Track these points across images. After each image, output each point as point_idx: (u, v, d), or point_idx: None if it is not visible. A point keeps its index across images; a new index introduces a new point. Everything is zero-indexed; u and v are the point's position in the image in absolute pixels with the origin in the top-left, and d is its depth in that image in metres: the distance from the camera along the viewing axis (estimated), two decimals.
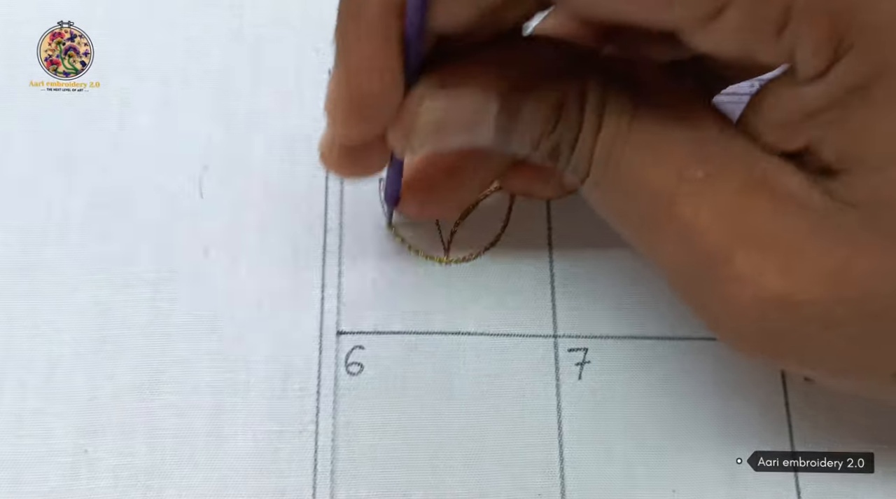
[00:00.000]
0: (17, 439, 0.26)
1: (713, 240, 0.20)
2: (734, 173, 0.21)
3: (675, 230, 0.21)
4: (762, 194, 0.20)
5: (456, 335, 0.29)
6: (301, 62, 0.32)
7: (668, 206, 0.21)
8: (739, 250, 0.20)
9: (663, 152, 0.21)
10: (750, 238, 0.20)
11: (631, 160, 0.21)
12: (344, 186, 0.30)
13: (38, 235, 0.29)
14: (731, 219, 0.20)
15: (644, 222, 0.22)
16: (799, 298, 0.20)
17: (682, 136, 0.21)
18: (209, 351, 0.28)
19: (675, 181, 0.21)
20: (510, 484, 0.27)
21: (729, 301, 0.21)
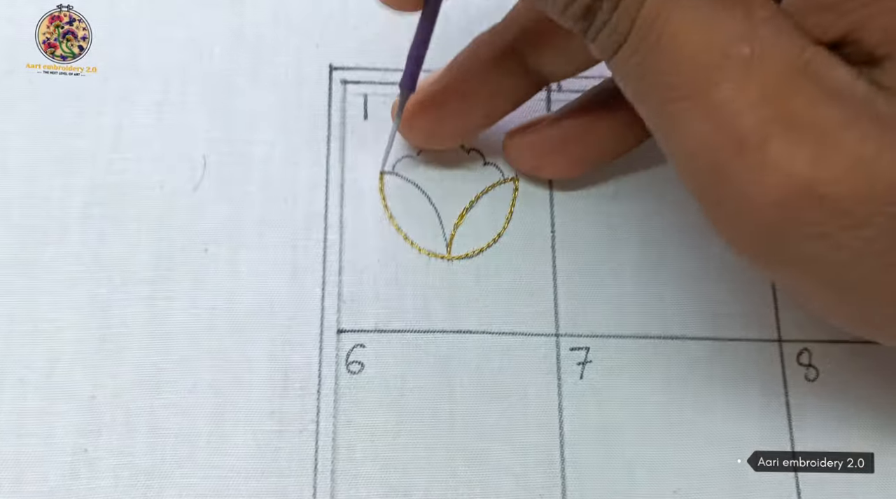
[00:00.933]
0: (18, 439, 0.26)
1: (748, 122, 0.20)
2: (780, 55, 0.20)
3: (709, 108, 0.20)
4: (806, 81, 0.20)
5: (457, 334, 0.29)
6: (301, 59, 0.31)
7: (707, 81, 0.20)
8: (774, 135, 0.19)
9: (712, 22, 0.20)
10: (786, 124, 0.19)
11: (678, 26, 0.20)
12: (345, 184, 0.30)
13: (38, 234, 0.28)
14: (770, 102, 0.20)
15: (678, 97, 0.21)
16: (826, 191, 0.19)
17: (735, 10, 0.20)
18: (209, 350, 0.28)
19: (719, 55, 0.20)
20: (511, 484, 0.27)
21: (751, 190, 0.20)
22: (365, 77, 0.31)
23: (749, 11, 0.20)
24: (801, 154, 0.19)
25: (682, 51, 0.20)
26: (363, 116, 0.31)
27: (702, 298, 0.30)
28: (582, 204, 0.30)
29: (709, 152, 0.21)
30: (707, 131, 0.20)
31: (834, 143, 0.19)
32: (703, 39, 0.20)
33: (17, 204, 0.29)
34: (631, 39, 0.21)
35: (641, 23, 0.20)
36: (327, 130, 0.31)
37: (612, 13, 0.21)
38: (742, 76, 0.20)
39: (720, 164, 0.20)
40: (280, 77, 0.31)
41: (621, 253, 0.30)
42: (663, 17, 0.20)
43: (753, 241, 0.21)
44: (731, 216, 0.21)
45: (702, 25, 0.20)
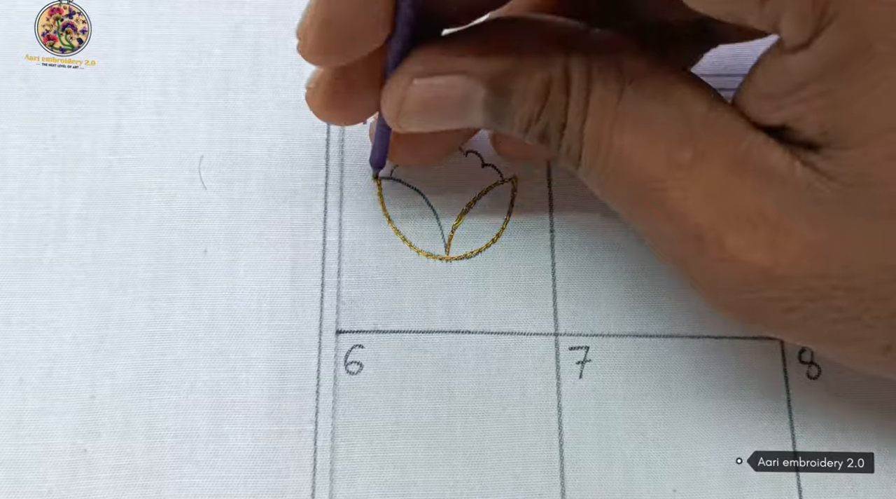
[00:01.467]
0: (17, 439, 0.26)
1: (701, 221, 0.21)
2: (720, 152, 0.21)
3: (665, 212, 0.22)
4: (747, 171, 0.21)
5: (456, 334, 0.29)
6: (301, 59, 0.31)
7: (658, 190, 0.21)
8: (726, 230, 0.21)
9: (652, 134, 0.21)
10: (736, 217, 0.21)
11: (621, 144, 0.22)
12: (344, 186, 0.30)
13: (37, 234, 0.29)
14: (717, 199, 0.21)
15: (637, 204, 0.22)
16: (784, 273, 0.20)
17: (670, 114, 0.21)
18: (208, 350, 0.28)
19: (664, 165, 0.21)
20: (510, 483, 0.27)
21: (719, 277, 0.22)
22: None
23: (685, 115, 0.21)
24: (755, 244, 0.21)
25: (630, 167, 0.22)
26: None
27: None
28: (581, 204, 0.30)
29: (676, 249, 0.23)
30: (668, 231, 0.22)
31: (784, 229, 0.20)
32: (647, 154, 0.21)
33: (16, 205, 0.29)
34: (583, 159, 0.23)
35: (587, 148, 0.22)
36: (326, 132, 0.31)
37: (560, 139, 0.23)
38: (687, 179, 0.21)
39: (688, 257, 0.22)
40: (279, 77, 0.31)
41: (620, 252, 0.30)
42: (605, 140, 0.22)
43: (732, 314, 0.23)
44: (709, 293, 0.23)
45: (642, 141, 0.21)
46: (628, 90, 0.22)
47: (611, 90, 0.22)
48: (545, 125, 0.23)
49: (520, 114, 0.23)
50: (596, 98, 0.22)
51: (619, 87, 0.22)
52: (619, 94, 0.22)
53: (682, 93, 0.22)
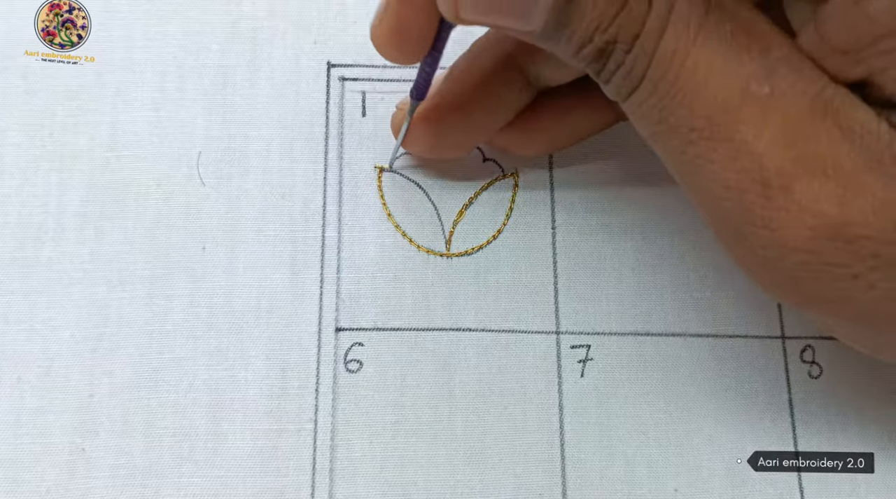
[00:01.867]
0: (15, 438, 0.26)
1: (772, 163, 0.19)
2: (801, 94, 0.19)
3: (731, 149, 0.20)
4: (827, 120, 0.19)
5: (456, 332, 0.28)
6: (299, 56, 0.31)
7: (728, 121, 0.20)
8: (799, 176, 0.19)
9: (731, 61, 0.20)
10: (810, 165, 0.19)
11: (696, 65, 0.20)
12: (343, 181, 0.30)
13: (34, 232, 0.28)
14: (792, 143, 0.19)
15: (698, 139, 0.20)
16: (854, 232, 0.19)
17: (752, 47, 0.20)
18: (207, 348, 0.28)
19: (739, 94, 0.19)
20: (511, 482, 0.27)
21: (779, 232, 0.20)
22: (363, 74, 0.31)
23: (766, 50, 0.20)
24: (827, 196, 0.19)
25: (701, 92, 0.20)
26: (361, 113, 0.31)
27: (703, 295, 0.29)
28: (583, 200, 0.30)
29: (733, 194, 0.20)
30: (730, 173, 0.20)
31: (858, 185, 0.19)
32: (722, 80, 0.20)
33: (14, 203, 0.29)
34: (647, 81, 0.20)
35: (657, 64, 0.20)
36: (325, 128, 0.30)
37: (626, 55, 0.20)
38: (763, 116, 0.19)
39: (745, 206, 0.20)
40: (277, 74, 0.31)
41: (622, 250, 0.30)
42: (680, 57, 0.20)
43: (782, 282, 0.21)
44: (757, 257, 0.21)
45: (720, 66, 0.20)
46: (712, 13, 0.20)
47: (696, 7, 0.20)
48: (613, 35, 0.20)
49: (589, 18, 0.20)
50: (679, 13, 0.20)
51: (704, 7, 0.20)
52: (704, 15, 0.20)
53: (766, 26, 0.20)
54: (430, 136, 0.28)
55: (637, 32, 0.20)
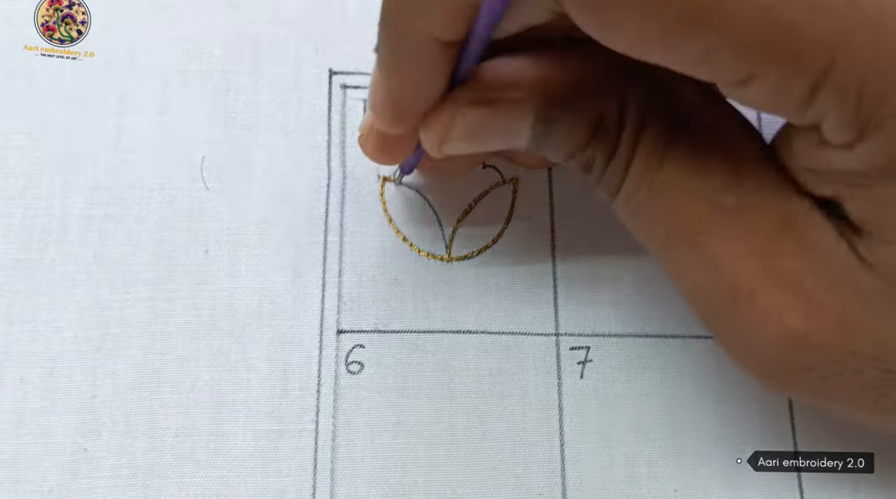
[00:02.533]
0: (18, 438, 0.26)
1: (739, 275, 0.20)
2: (767, 206, 0.20)
3: (702, 258, 0.21)
4: (790, 234, 0.20)
5: (457, 334, 0.29)
6: (301, 63, 0.31)
7: (697, 233, 0.21)
8: (763, 289, 0.20)
9: (699, 176, 0.21)
10: (774, 277, 0.20)
11: (665, 182, 0.21)
12: (346, 188, 0.30)
13: (38, 234, 0.29)
14: (758, 255, 0.20)
15: (672, 245, 0.22)
16: (816, 342, 0.20)
17: (719, 160, 0.21)
18: (209, 350, 0.28)
19: (707, 208, 0.20)
20: (511, 483, 0.27)
21: (749, 335, 0.21)
22: (365, 82, 0.32)
23: (734, 158, 0.21)
24: (790, 309, 0.20)
25: (671, 206, 0.21)
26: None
27: None
28: (581, 204, 0.30)
29: (706, 298, 0.22)
30: (702, 279, 0.21)
31: (818, 301, 0.20)
32: (691, 195, 0.21)
33: (18, 205, 0.29)
34: (622, 192, 0.22)
35: (630, 182, 0.21)
36: (327, 135, 0.31)
37: (604, 170, 0.22)
38: (730, 230, 0.20)
39: (717, 309, 0.21)
40: (280, 80, 0.31)
41: (621, 252, 0.30)
42: (649, 176, 0.21)
43: (760, 373, 0.22)
44: (736, 349, 0.22)
45: (688, 180, 0.21)
46: (680, 131, 0.21)
47: (663, 131, 0.21)
48: (591, 156, 0.22)
49: (566, 143, 0.22)
50: (648, 136, 0.21)
51: (670, 128, 0.21)
52: (671, 135, 0.21)
53: (734, 135, 0.21)
54: (436, 165, 0.29)
55: (611, 154, 0.21)
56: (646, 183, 0.21)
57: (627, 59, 0.19)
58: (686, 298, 0.23)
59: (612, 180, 0.22)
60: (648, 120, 0.21)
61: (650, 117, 0.21)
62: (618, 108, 0.21)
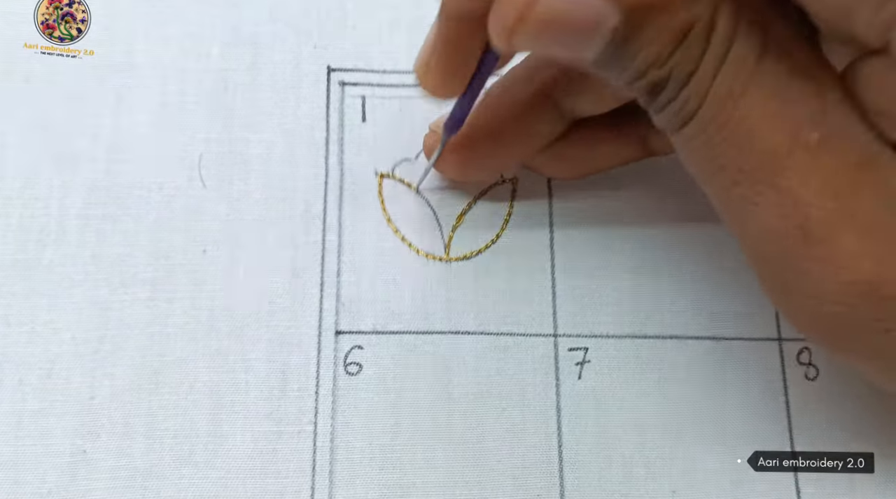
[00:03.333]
0: (16, 440, 0.26)
1: (815, 214, 0.19)
2: (850, 144, 0.19)
3: (776, 195, 0.20)
4: (871, 177, 0.19)
5: (455, 335, 0.29)
6: (299, 60, 0.31)
7: (776, 167, 0.19)
8: (841, 231, 0.19)
9: (784, 104, 0.19)
10: (851, 220, 0.19)
11: (749, 108, 0.19)
12: (343, 185, 0.30)
13: (36, 235, 0.29)
14: (835, 195, 0.19)
15: (744, 180, 0.20)
16: (889, 291, 0.19)
17: (806, 90, 0.19)
18: (207, 351, 0.28)
19: (789, 140, 0.19)
20: (510, 484, 0.27)
21: (818, 282, 0.20)
22: (363, 79, 0.31)
23: (820, 94, 0.19)
24: (866, 253, 0.19)
25: (752, 135, 0.20)
26: (361, 118, 0.31)
27: (700, 298, 0.29)
28: (580, 204, 0.30)
29: (775, 239, 0.20)
30: (773, 218, 0.20)
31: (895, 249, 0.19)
32: (773, 124, 0.19)
33: (15, 205, 0.29)
34: (698, 118, 0.20)
35: (710, 104, 0.20)
36: (325, 132, 0.31)
37: (679, 90, 0.20)
38: (810, 165, 0.19)
39: (786, 252, 0.20)
40: (278, 77, 0.31)
41: (619, 253, 0.30)
42: (733, 99, 0.19)
43: (817, 328, 0.21)
44: (794, 302, 0.21)
45: (772, 109, 0.19)
46: (769, 54, 0.19)
47: (753, 48, 0.19)
48: (668, 71, 0.20)
49: (646, 52, 0.19)
50: (736, 53, 0.19)
51: (761, 48, 0.19)
52: (761, 55, 0.19)
53: (820, 71, 0.20)
54: (461, 162, 0.28)
55: (692, 70, 0.20)
56: (727, 108, 0.19)
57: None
58: (747, 244, 0.21)
59: (687, 105, 0.20)
60: (739, 35, 0.19)
61: (741, 32, 0.19)
62: (709, 17, 0.19)
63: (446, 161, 0.28)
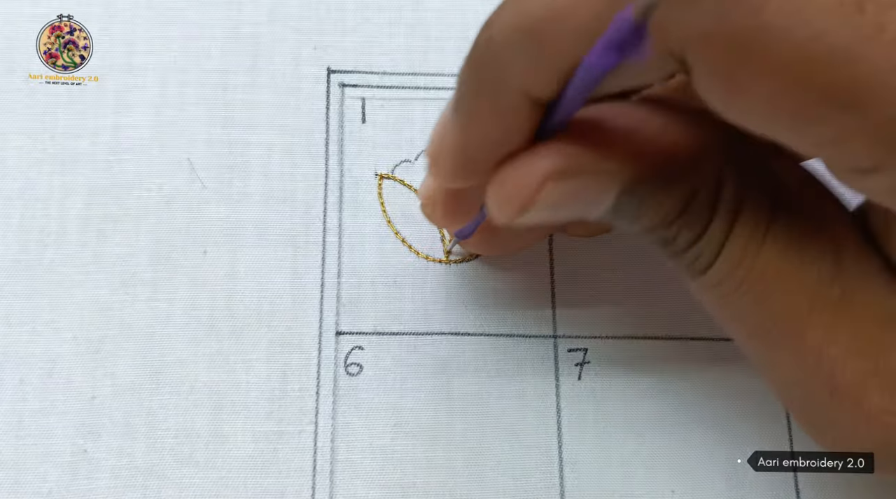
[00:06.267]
0: (17, 440, 0.26)
1: (842, 373, 0.19)
2: (871, 301, 0.19)
3: (799, 352, 0.19)
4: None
5: (455, 336, 0.29)
6: (299, 62, 0.31)
7: (797, 327, 0.19)
8: (868, 388, 0.18)
9: (801, 264, 0.19)
10: (882, 378, 0.18)
11: (764, 269, 0.19)
12: (343, 187, 0.30)
13: (37, 235, 0.29)
14: (863, 353, 0.18)
15: (765, 335, 0.20)
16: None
17: (821, 246, 0.19)
18: (208, 351, 0.28)
19: (809, 299, 0.19)
20: (510, 485, 0.27)
21: (851, 433, 0.19)
22: (363, 80, 0.32)
23: (836, 250, 0.19)
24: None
25: (769, 296, 0.19)
26: (361, 120, 0.31)
27: None
28: None
29: (802, 394, 0.20)
30: (798, 374, 0.20)
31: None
32: (791, 284, 0.19)
33: (16, 206, 0.29)
34: (711, 273, 0.20)
35: (722, 264, 0.19)
36: (325, 133, 0.31)
37: (689, 247, 0.20)
38: (832, 323, 0.19)
39: (814, 402, 0.20)
40: (278, 79, 0.31)
41: (619, 254, 0.30)
42: (748, 262, 0.19)
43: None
44: (824, 442, 0.21)
45: (788, 270, 0.19)
46: (780, 214, 0.19)
47: (763, 212, 0.19)
48: (674, 232, 0.19)
49: (650, 218, 0.19)
50: (745, 219, 0.19)
51: (770, 210, 0.19)
52: (771, 217, 0.19)
53: (834, 219, 0.19)
54: (483, 242, 0.28)
55: (699, 233, 0.19)
56: (742, 269, 0.19)
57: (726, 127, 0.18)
58: (775, 390, 0.21)
59: (700, 260, 0.20)
60: (747, 201, 0.19)
61: (749, 198, 0.19)
62: (714, 185, 0.19)
63: (468, 242, 0.28)
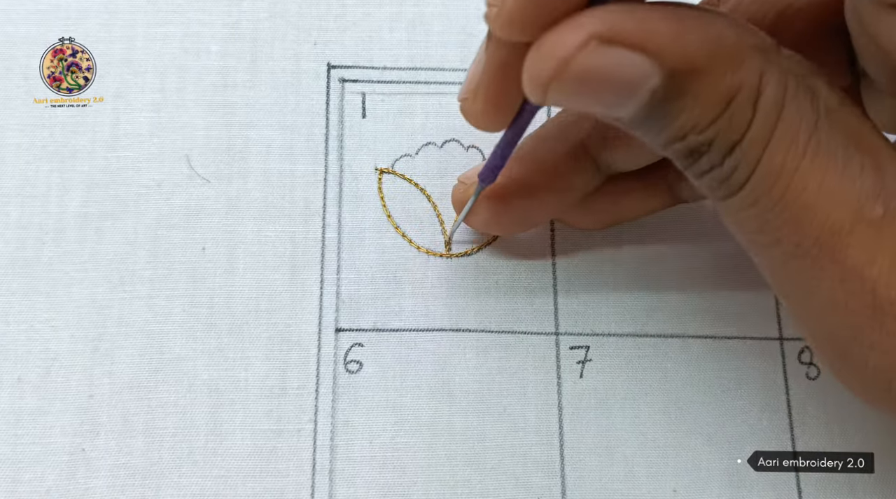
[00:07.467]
0: (15, 438, 0.26)
1: (885, 291, 0.18)
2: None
3: (840, 271, 0.18)
4: None
5: (456, 332, 0.28)
6: (299, 57, 0.31)
7: (838, 245, 0.18)
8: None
9: (843, 178, 0.18)
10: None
11: (805, 182, 0.18)
12: (343, 182, 0.30)
13: (35, 232, 0.28)
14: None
15: (803, 255, 0.19)
16: None
17: (864, 163, 0.18)
18: (207, 349, 0.28)
19: (851, 216, 0.18)
20: (511, 483, 0.27)
21: (886, 353, 0.19)
22: (363, 76, 0.31)
23: (878, 167, 0.18)
24: None
25: (810, 212, 0.18)
26: (361, 115, 0.31)
27: (702, 297, 0.29)
28: None
29: (839, 313, 0.19)
30: (838, 293, 0.19)
31: None
32: (833, 200, 0.18)
33: (14, 203, 0.29)
34: (747, 190, 0.19)
35: (761, 178, 0.18)
36: (325, 129, 0.31)
37: (723, 158, 0.19)
38: (876, 240, 0.18)
39: (853, 325, 0.19)
40: (277, 75, 0.31)
41: (621, 251, 0.30)
42: (788, 173, 0.18)
43: (882, 396, 0.20)
44: (859, 372, 0.20)
45: (831, 184, 0.18)
46: (822, 123, 0.18)
47: (805, 118, 0.18)
48: (709, 138, 0.18)
49: (686, 116, 0.18)
50: (787, 123, 0.18)
51: (813, 117, 0.18)
52: (814, 125, 0.18)
53: (874, 139, 0.19)
54: (493, 215, 0.27)
55: (737, 139, 0.18)
56: (781, 183, 0.18)
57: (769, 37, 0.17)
58: (805, 316, 0.20)
59: (734, 175, 0.19)
60: (788, 105, 0.18)
61: (790, 104, 0.18)
62: (756, 81, 0.18)
63: (477, 215, 0.27)
